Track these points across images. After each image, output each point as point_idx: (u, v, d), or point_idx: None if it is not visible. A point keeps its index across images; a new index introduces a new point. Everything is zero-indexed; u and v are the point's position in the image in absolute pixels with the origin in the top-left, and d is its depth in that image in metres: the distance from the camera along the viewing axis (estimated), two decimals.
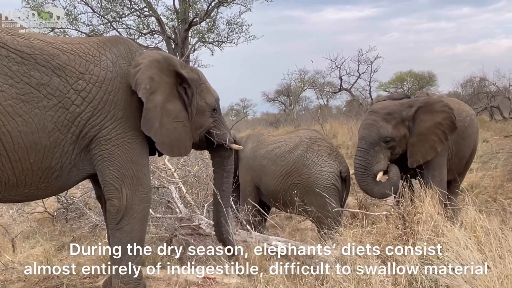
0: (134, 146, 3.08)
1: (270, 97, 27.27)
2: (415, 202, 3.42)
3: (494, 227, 2.91)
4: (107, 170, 3.02)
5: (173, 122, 3.24)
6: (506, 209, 3.93)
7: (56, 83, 2.81)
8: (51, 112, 2.78)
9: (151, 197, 3.31)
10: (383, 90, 24.71)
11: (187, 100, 3.42)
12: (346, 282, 2.55)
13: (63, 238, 5.58)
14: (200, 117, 3.54)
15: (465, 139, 4.92)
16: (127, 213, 3.07)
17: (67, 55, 2.92)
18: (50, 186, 2.94)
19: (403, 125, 4.49)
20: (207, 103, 3.54)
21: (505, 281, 2.39)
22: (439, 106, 4.58)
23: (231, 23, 16.97)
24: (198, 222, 4.78)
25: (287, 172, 4.88)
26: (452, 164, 4.83)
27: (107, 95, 2.99)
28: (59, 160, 2.87)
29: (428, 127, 4.49)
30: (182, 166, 6.38)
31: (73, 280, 3.78)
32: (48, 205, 6.72)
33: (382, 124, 4.45)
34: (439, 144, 4.48)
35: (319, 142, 4.93)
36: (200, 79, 3.57)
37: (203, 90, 3.54)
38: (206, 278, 3.67)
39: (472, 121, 5.09)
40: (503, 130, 12.03)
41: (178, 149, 3.34)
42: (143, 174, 3.13)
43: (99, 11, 15.69)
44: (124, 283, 3.08)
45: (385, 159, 4.47)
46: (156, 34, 16.81)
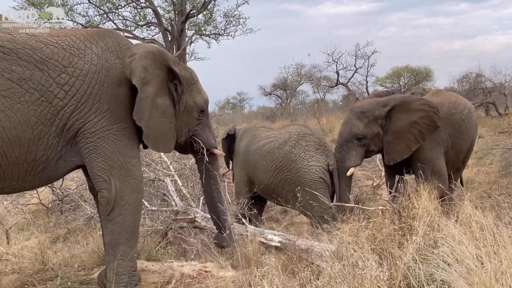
0: (120, 138, 3.06)
1: (267, 91, 27.29)
2: (410, 197, 3.42)
3: (489, 223, 2.91)
4: (95, 162, 3.01)
5: (160, 117, 3.22)
6: (501, 205, 3.95)
7: (38, 77, 2.79)
8: (33, 106, 2.77)
9: (142, 188, 3.29)
10: (380, 84, 24.80)
11: (176, 97, 3.39)
12: (341, 277, 2.56)
13: (58, 230, 5.55)
14: (187, 116, 3.50)
15: (462, 132, 4.90)
16: (117, 204, 3.05)
17: (51, 48, 2.88)
18: (36, 178, 2.95)
19: (375, 124, 4.58)
20: (196, 103, 3.51)
21: (500, 277, 2.40)
22: (417, 104, 4.60)
23: (228, 15, 16.92)
24: (193, 215, 4.78)
25: (277, 167, 4.95)
26: (449, 157, 4.84)
27: (90, 89, 2.96)
28: (44, 153, 2.87)
29: (403, 125, 4.54)
30: (178, 159, 6.37)
31: (67, 272, 3.77)
32: (43, 197, 6.69)
33: (355, 122, 4.60)
34: (414, 143, 4.53)
35: (307, 137, 5.00)
36: (192, 78, 3.54)
37: (193, 90, 3.51)
38: (201, 271, 3.67)
39: (470, 114, 5.06)
40: (498, 126, 12.08)
41: (162, 144, 3.32)
42: (132, 165, 3.11)
43: (95, 2, 15.57)
44: (118, 275, 3.07)
45: (357, 156, 4.62)
46: (153, 26, 16.73)
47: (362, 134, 4.56)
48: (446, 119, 4.78)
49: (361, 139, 4.58)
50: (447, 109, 4.87)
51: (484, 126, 12.17)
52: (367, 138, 4.58)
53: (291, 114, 20.45)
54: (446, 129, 4.77)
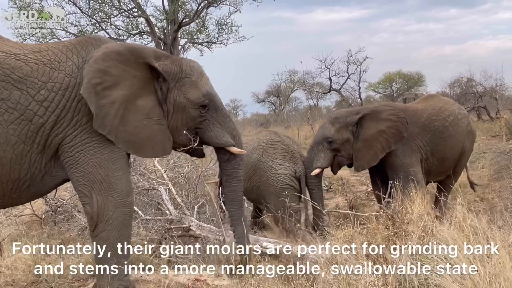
0: (101, 150, 2.93)
1: (260, 98, 27.36)
2: (403, 202, 3.44)
3: (482, 227, 2.94)
4: (75, 177, 2.93)
5: (143, 119, 3.04)
6: (494, 208, 3.98)
7: (17, 97, 2.76)
8: (13, 126, 2.74)
9: (130, 201, 3.09)
10: (372, 90, 24.94)
11: (161, 95, 3.17)
12: (336, 283, 2.56)
13: (52, 241, 5.50)
14: (181, 114, 3.22)
15: (445, 139, 4.91)
16: (100, 219, 2.95)
17: (30, 65, 2.84)
18: (23, 194, 2.91)
19: (346, 130, 4.75)
20: (189, 99, 3.21)
21: (493, 280, 2.41)
22: (385, 114, 4.74)
23: (220, 23, 16.97)
24: (188, 223, 4.77)
25: (248, 175, 5.01)
26: (430, 164, 4.86)
27: (70, 102, 2.89)
28: (28, 171, 2.84)
29: (372, 134, 4.69)
30: (172, 168, 6.36)
31: (61, 284, 3.74)
32: (36, 207, 6.63)
33: (328, 126, 4.80)
34: (381, 152, 4.65)
35: (275, 145, 5.07)
36: (182, 72, 3.24)
37: (185, 84, 3.22)
38: (196, 280, 3.65)
39: (456, 120, 5.05)
40: (490, 130, 12.19)
41: (151, 149, 3.11)
42: (115, 179, 2.96)
43: (87, 12, 15.57)
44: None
45: (325, 159, 4.77)
46: (146, 34, 16.74)
47: (332, 138, 4.73)
48: (425, 126, 4.84)
49: (331, 143, 4.74)
50: (427, 116, 4.92)
51: (476, 130, 12.24)
52: (337, 142, 4.73)
53: (284, 120, 20.50)
54: (424, 136, 4.82)
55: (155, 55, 3.22)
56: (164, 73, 3.15)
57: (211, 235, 4.32)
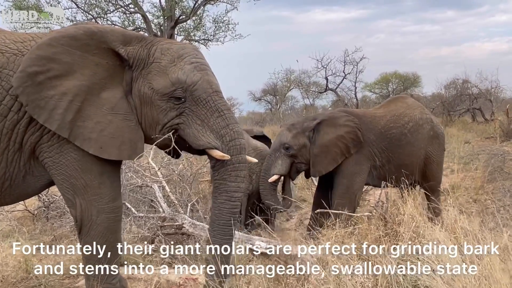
0: (83, 153, 2.64)
1: (257, 96, 27.36)
2: (397, 203, 3.45)
3: (473, 228, 2.95)
4: (56, 180, 2.71)
5: (107, 114, 2.65)
6: (486, 210, 3.99)
7: None
8: None
9: (115, 207, 2.80)
10: (369, 90, 24.99)
11: (125, 86, 2.72)
12: (326, 283, 2.56)
13: (44, 237, 5.48)
14: (149, 108, 2.72)
15: (402, 146, 4.82)
16: (83, 224, 2.76)
17: (7, 56, 2.58)
18: (6, 195, 2.74)
19: (303, 135, 4.72)
20: (154, 89, 2.67)
21: (483, 282, 2.42)
22: (343, 120, 4.75)
23: (217, 21, 16.95)
24: (181, 221, 4.75)
25: None
26: (387, 171, 4.78)
27: None
28: (6, 170, 2.65)
29: (330, 139, 4.67)
30: (166, 165, 6.34)
31: (51, 281, 3.72)
32: (29, 203, 6.60)
33: (285, 133, 4.78)
34: (340, 157, 4.65)
35: None
36: (150, 56, 2.71)
37: (151, 71, 2.69)
38: (187, 278, 3.64)
39: (417, 127, 4.91)
40: (484, 132, 12.26)
41: (116, 148, 2.68)
42: (100, 183, 2.70)
43: (83, 7, 15.51)
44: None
45: (283, 165, 4.72)
46: (142, 31, 16.67)
47: (289, 144, 4.69)
48: (381, 134, 4.79)
49: (288, 149, 4.70)
50: (384, 123, 4.85)
51: (470, 131, 12.33)
52: (294, 148, 4.69)
53: (280, 119, 20.51)
54: (379, 143, 4.77)
55: (124, 39, 2.74)
56: (129, 59, 2.70)
57: (203, 234, 4.31)
